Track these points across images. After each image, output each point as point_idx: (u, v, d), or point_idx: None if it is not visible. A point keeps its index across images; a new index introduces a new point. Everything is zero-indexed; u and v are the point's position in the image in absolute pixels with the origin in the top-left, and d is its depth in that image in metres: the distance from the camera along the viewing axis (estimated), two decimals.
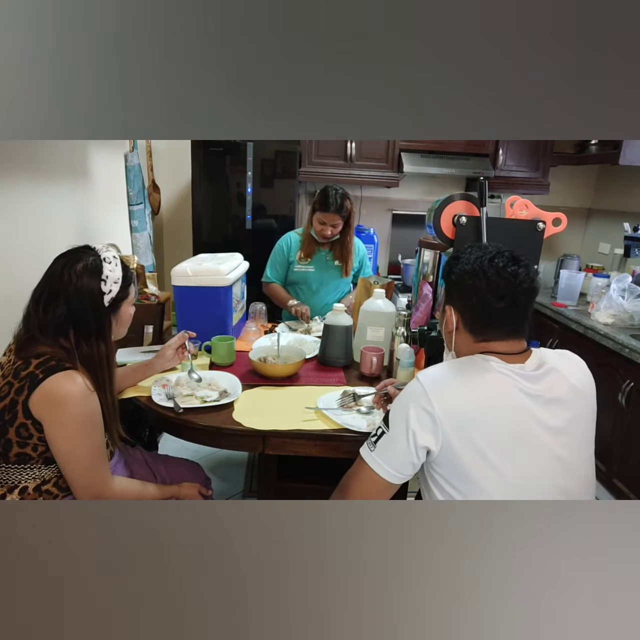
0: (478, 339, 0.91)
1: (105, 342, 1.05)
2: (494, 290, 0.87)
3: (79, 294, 1.00)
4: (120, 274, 1.06)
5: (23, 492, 1.00)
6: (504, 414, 0.82)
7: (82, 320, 1.01)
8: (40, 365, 0.96)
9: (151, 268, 2.76)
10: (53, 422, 0.96)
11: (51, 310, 1.00)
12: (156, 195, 3.11)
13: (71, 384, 0.96)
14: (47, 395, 0.95)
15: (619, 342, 2.04)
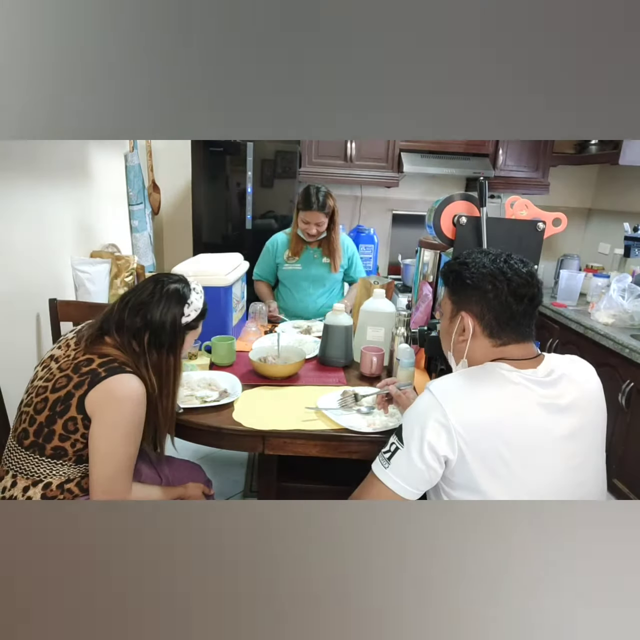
0: (497, 344, 0.89)
1: (174, 356, 1.11)
2: (514, 292, 0.87)
3: (163, 308, 1.07)
4: (201, 306, 1.15)
5: (46, 487, 1.02)
6: (517, 424, 0.81)
7: (159, 330, 1.07)
8: (103, 365, 1.00)
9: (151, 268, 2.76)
10: (103, 420, 0.99)
11: (134, 314, 1.06)
12: (156, 195, 3.11)
13: (132, 387, 1.01)
14: (107, 393, 0.98)
15: (619, 342, 2.04)
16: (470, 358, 0.93)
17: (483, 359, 0.91)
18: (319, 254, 2.17)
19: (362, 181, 3.07)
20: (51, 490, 1.02)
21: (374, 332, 1.61)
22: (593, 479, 0.88)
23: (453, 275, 0.94)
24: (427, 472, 0.82)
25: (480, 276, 0.89)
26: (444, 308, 0.98)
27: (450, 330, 0.95)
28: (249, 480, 2.18)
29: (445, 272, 0.98)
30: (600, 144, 2.93)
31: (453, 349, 0.96)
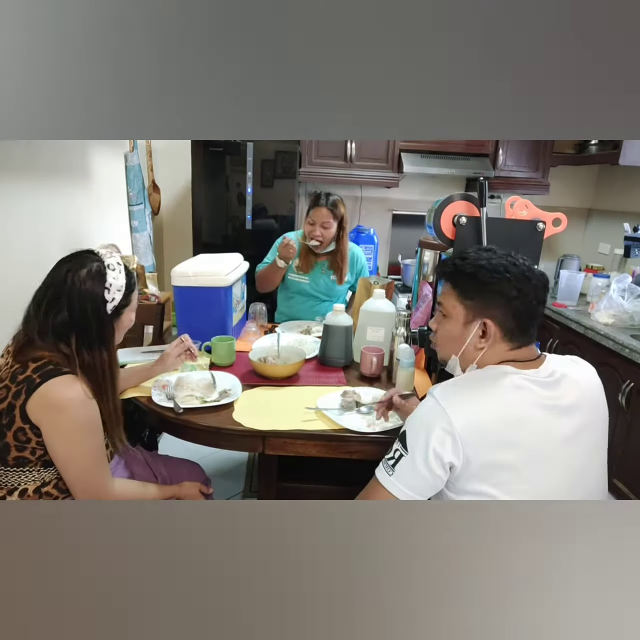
0: (514, 347, 0.89)
1: (107, 350, 1.04)
2: (537, 296, 0.88)
3: (82, 301, 0.98)
4: (123, 282, 1.05)
5: (23, 494, 1.00)
6: (521, 428, 0.80)
7: (84, 327, 0.99)
8: (37, 370, 0.95)
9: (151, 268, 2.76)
10: (51, 427, 0.96)
11: (52, 315, 0.98)
12: (156, 195, 3.11)
13: (69, 390, 0.96)
14: (45, 400, 0.94)
15: (619, 342, 2.04)
16: (482, 363, 0.90)
17: (494, 362, 0.89)
18: (326, 268, 2.11)
19: (362, 181, 3.07)
20: (28, 496, 1.00)
21: (374, 332, 1.61)
22: (595, 479, 0.87)
23: (465, 279, 0.89)
24: (432, 479, 0.81)
25: (505, 281, 0.86)
26: (450, 312, 0.92)
27: (464, 335, 0.90)
28: (249, 480, 2.18)
29: (452, 274, 0.92)
30: (600, 144, 2.93)
31: (462, 354, 0.92)
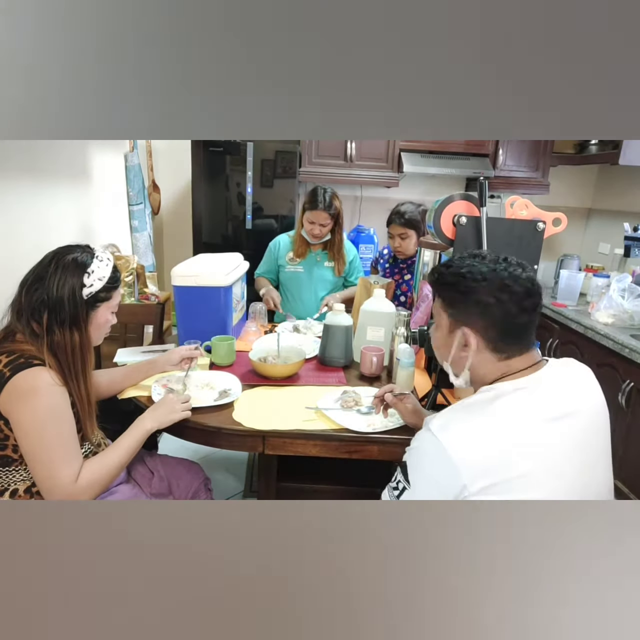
0: (501, 357, 0.85)
1: (79, 332, 1.02)
2: (518, 303, 0.82)
3: (59, 281, 0.99)
4: (107, 274, 1.05)
5: (14, 494, 0.99)
6: (526, 452, 0.77)
7: (57, 306, 0.99)
8: (9, 364, 0.95)
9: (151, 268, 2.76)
10: (18, 417, 0.94)
11: (31, 293, 0.99)
12: (156, 195, 3.11)
13: (36, 378, 0.95)
14: (12, 392, 0.93)
15: (619, 342, 2.04)
16: (474, 372, 0.89)
17: (487, 372, 0.87)
18: (322, 257, 2.18)
19: (362, 181, 3.07)
20: (19, 496, 0.99)
21: (374, 332, 1.61)
22: (602, 482, 0.86)
23: (449, 287, 0.88)
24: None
25: (481, 289, 0.83)
26: (438, 320, 0.92)
27: (449, 343, 0.90)
28: (249, 480, 2.18)
29: (436, 283, 0.91)
30: (600, 144, 2.93)
31: (452, 363, 0.92)
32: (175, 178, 3.23)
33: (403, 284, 2.20)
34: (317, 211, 2.01)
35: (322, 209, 2.00)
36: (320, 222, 2.04)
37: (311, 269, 2.17)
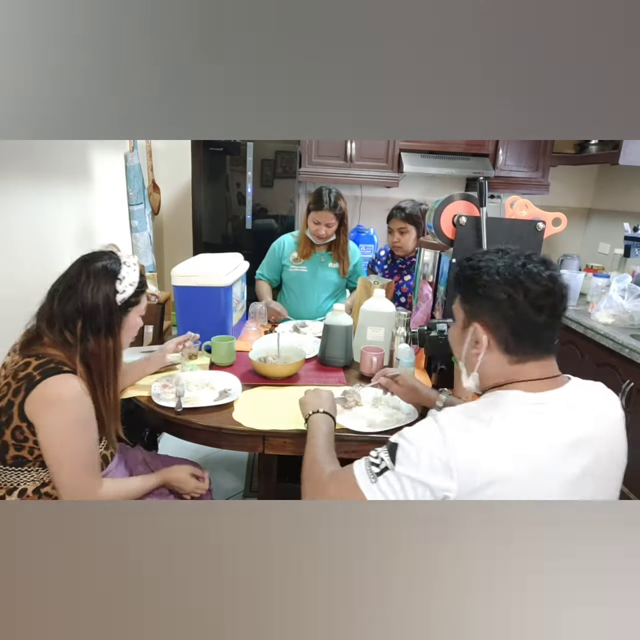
0: (513, 360, 0.81)
1: (114, 339, 1.04)
2: (533, 301, 0.78)
3: (93, 288, 1.00)
4: (136, 279, 1.08)
5: (22, 494, 1.00)
6: (526, 473, 0.74)
7: (93, 313, 1.00)
8: (38, 367, 0.95)
9: (151, 268, 2.76)
10: (44, 424, 0.95)
11: (64, 302, 1.00)
12: (156, 195, 3.11)
13: (66, 386, 0.96)
14: (41, 397, 0.94)
15: (619, 342, 2.04)
16: (483, 373, 0.85)
17: (497, 375, 0.83)
18: (326, 258, 2.17)
19: (362, 181, 3.07)
20: (28, 496, 0.99)
21: (374, 332, 1.61)
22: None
23: (465, 281, 0.85)
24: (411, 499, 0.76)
25: (493, 284, 0.80)
26: (457, 314, 0.90)
27: (462, 340, 0.87)
28: (249, 480, 2.18)
29: (457, 276, 0.89)
30: (600, 144, 2.93)
31: (465, 360, 0.89)
32: (175, 178, 3.23)
33: (403, 284, 2.20)
34: (323, 211, 2.01)
35: (327, 209, 2.00)
36: (325, 223, 2.04)
37: (315, 269, 2.17)
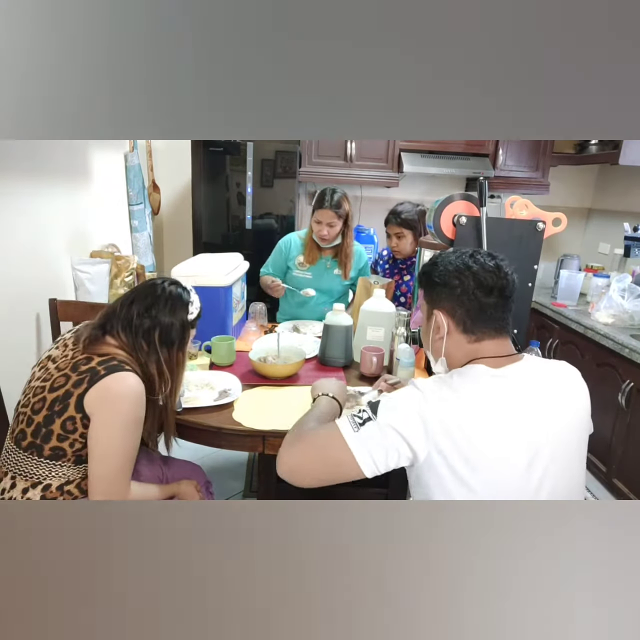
0: (471, 339, 0.91)
1: (183, 353, 1.15)
2: (481, 284, 0.89)
3: (171, 308, 1.11)
4: (200, 305, 1.20)
5: (46, 489, 1.01)
6: (491, 430, 0.80)
7: (170, 329, 1.10)
8: (102, 363, 1.01)
9: (151, 268, 2.76)
10: (102, 418, 0.99)
11: (143, 315, 1.08)
12: (156, 195, 3.11)
13: (131, 385, 1.01)
14: (105, 391, 0.98)
15: (619, 342, 2.04)
16: (449, 356, 0.94)
17: (460, 355, 0.92)
18: (332, 264, 2.13)
19: (362, 181, 3.07)
20: (51, 492, 1.02)
21: (374, 332, 1.61)
22: (576, 480, 0.86)
23: (424, 277, 0.97)
24: (390, 455, 0.81)
25: (446, 273, 0.92)
26: (422, 309, 1.01)
27: (427, 329, 0.98)
28: (249, 480, 2.18)
29: (418, 275, 1.02)
30: (600, 144, 2.93)
31: (431, 348, 0.99)
32: (175, 178, 3.23)
33: (403, 284, 2.20)
34: (323, 209, 1.97)
35: (328, 207, 1.96)
36: (327, 222, 1.99)
37: (320, 277, 2.13)
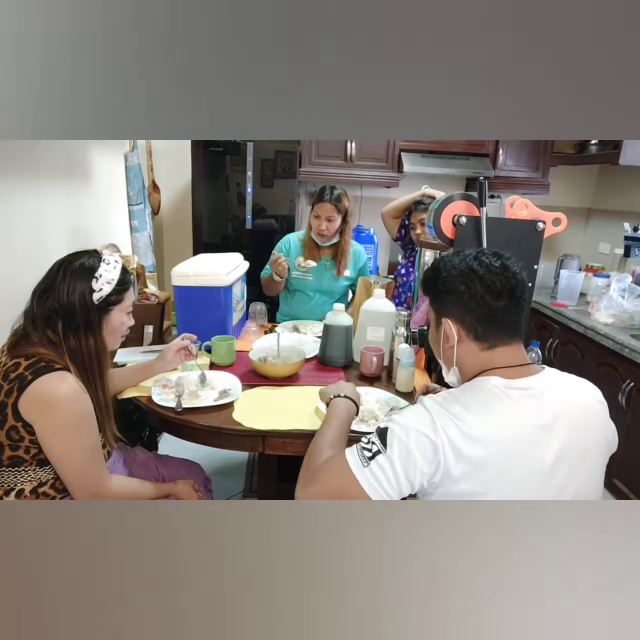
0: (484, 347, 0.86)
1: (94, 338, 1.03)
2: (489, 288, 0.84)
3: (69, 287, 1.00)
4: (116, 276, 1.05)
5: (20, 494, 0.99)
6: (508, 450, 0.77)
7: (70, 313, 1.00)
8: (29, 367, 0.96)
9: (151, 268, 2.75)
10: (44, 424, 0.96)
11: (42, 302, 1.00)
12: (156, 195, 3.11)
13: (61, 385, 0.96)
14: (36, 397, 0.94)
15: (619, 342, 2.04)
16: (461, 365, 0.90)
17: (473, 365, 0.88)
18: (331, 265, 2.13)
19: (362, 181, 3.07)
20: (25, 496, 0.99)
21: (374, 332, 1.61)
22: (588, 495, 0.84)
23: (428, 283, 0.93)
24: (403, 485, 0.78)
25: (451, 279, 0.87)
26: (430, 317, 0.97)
27: (437, 337, 0.93)
28: (249, 480, 2.18)
29: (422, 282, 0.96)
30: (600, 144, 2.93)
31: (442, 357, 0.94)
32: (175, 178, 3.23)
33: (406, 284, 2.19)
34: (322, 203, 1.97)
35: (327, 200, 1.96)
36: (326, 216, 1.99)
37: (320, 277, 2.12)
